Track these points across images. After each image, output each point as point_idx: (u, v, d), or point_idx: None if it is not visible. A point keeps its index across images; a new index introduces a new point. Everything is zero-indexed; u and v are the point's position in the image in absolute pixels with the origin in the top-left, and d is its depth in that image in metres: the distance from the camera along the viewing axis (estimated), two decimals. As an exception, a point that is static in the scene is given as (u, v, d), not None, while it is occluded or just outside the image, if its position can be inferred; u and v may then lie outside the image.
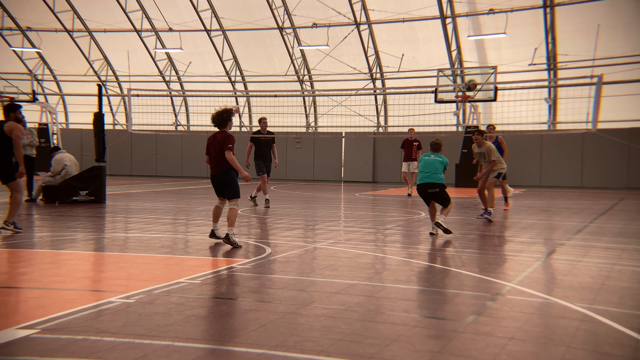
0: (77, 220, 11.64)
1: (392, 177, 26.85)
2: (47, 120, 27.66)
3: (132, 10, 29.82)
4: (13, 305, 5.37)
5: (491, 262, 7.85)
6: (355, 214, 13.60)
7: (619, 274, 7.04)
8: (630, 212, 14.60)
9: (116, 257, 7.93)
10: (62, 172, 14.95)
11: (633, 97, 23.71)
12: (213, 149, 8.67)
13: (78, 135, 30.80)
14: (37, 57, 32.63)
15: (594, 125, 20.89)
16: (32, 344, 4.30)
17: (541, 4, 24.24)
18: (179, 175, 29.79)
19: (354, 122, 28.54)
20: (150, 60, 31.47)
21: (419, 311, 5.39)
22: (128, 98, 26.21)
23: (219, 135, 8.68)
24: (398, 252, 8.42)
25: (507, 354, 4.26)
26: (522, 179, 24.74)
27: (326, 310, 5.24)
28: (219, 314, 5.13)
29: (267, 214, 13.15)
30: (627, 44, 23.38)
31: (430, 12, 25.76)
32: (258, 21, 28.27)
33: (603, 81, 20.77)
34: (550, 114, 25.76)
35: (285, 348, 4.27)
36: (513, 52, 25.70)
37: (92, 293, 5.97)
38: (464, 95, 23.39)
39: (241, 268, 7.05)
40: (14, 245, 8.79)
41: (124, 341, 4.39)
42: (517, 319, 5.12)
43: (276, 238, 9.73)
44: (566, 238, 9.92)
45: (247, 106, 31.24)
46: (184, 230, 10.78)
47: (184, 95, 31.83)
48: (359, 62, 28.27)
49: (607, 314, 5.26)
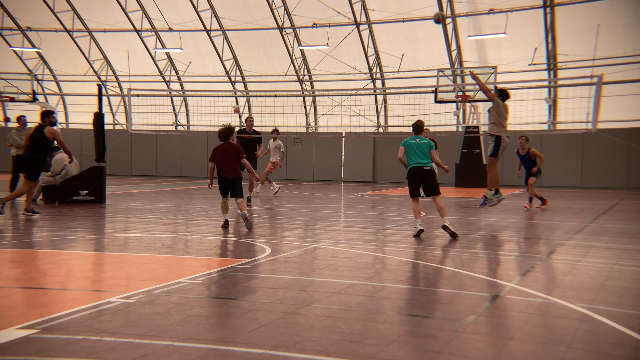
0: (77, 220, 11.64)
1: (392, 177, 26.85)
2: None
3: (132, 10, 29.82)
4: (13, 305, 5.37)
5: (491, 262, 7.85)
6: (355, 214, 13.59)
7: (619, 274, 7.04)
8: (630, 212, 14.59)
9: (116, 257, 7.93)
10: (62, 172, 14.95)
11: (633, 97, 23.71)
12: (226, 158, 10.47)
13: (78, 135, 30.80)
14: (37, 57, 32.64)
15: (594, 125, 20.85)
16: (32, 344, 4.30)
17: (541, 4, 24.24)
18: (179, 175, 29.79)
19: (354, 122, 28.54)
20: (150, 60, 31.47)
21: (419, 311, 5.39)
22: (128, 98, 26.16)
23: (228, 147, 10.51)
24: (398, 252, 8.42)
25: (507, 354, 4.26)
26: (522, 179, 24.68)
27: (326, 310, 5.24)
28: (219, 314, 5.13)
29: (267, 214, 13.15)
30: (627, 44, 23.38)
31: (430, 12, 25.67)
32: (258, 21, 28.27)
33: (603, 81, 20.72)
34: (550, 114, 25.76)
35: (285, 348, 4.27)
36: (513, 52, 25.70)
37: (92, 293, 5.97)
38: (464, 95, 23.39)
39: (241, 268, 7.05)
40: (14, 245, 8.79)
41: (124, 341, 4.39)
42: (517, 319, 5.12)
43: (276, 238, 9.72)
44: (566, 238, 9.92)
45: (247, 106, 31.24)
46: (184, 230, 10.77)
47: (184, 95, 31.84)
48: (359, 62, 28.28)
49: (607, 314, 5.26)
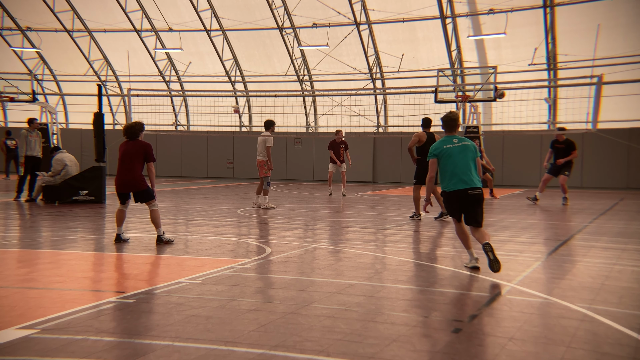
0: (77, 220, 11.64)
1: (392, 177, 26.85)
2: (47, 120, 27.62)
3: (132, 10, 29.80)
4: (13, 305, 5.37)
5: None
6: (355, 214, 13.59)
7: (619, 274, 7.04)
8: (630, 212, 14.59)
9: (116, 257, 7.93)
10: (62, 172, 14.95)
11: (633, 97, 23.69)
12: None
13: (78, 135, 30.79)
14: (37, 57, 32.62)
15: (594, 125, 20.89)
16: (32, 344, 4.30)
17: (541, 4, 24.23)
18: (178, 175, 29.78)
19: (354, 122, 28.53)
20: (150, 60, 31.46)
21: (419, 311, 5.39)
22: (128, 98, 26.21)
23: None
24: (398, 252, 8.42)
25: (507, 354, 4.26)
26: (522, 179, 24.74)
27: (326, 310, 5.24)
28: (219, 314, 5.13)
29: (267, 214, 13.15)
30: (627, 44, 23.37)
31: (430, 12, 25.75)
32: (258, 21, 28.26)
33: (603, 81, 20.76)
34: (550, 114, 25.76)
35: (285, 348, 4.27)
36: (513, 52, 25.69)
37: (92, 293, 5.97)
38: (464, 95, 23.38)
39: (241, 268, 7.05)
40: (14, 245, 8.79)
41: (124, 341, 4.39)
42: (517, 319, 5.12)
43: (276, 238, 9.73)
44: (566, 238, 9.92)
45: (247, 106, 31.23)
46: (184, 230, 10.77)
47: (184, 95, 31.82)
48: (359, 62, 28.27)
49: (607, 314, 5.26)
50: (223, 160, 29.34)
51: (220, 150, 29.30)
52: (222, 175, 28.99)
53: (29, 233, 9.99)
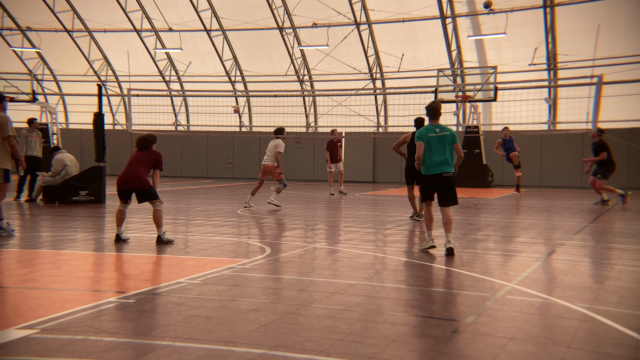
0: (77, 220, 11.64)
1: (392, 177, 26.84)
2: (47, 120, 27.63)
3: (132, 10, 29.81)
4: (13, 305, 5.37)
5: (491, 262, 7.85)
6: (355, 214, 13.59)
7: (619, 274, 7.04)
8: (630, 212, 14.59)
9: (116, 257, 7.93)
10: (62, 172, 14.95)
11: (633, 97, 23.68)
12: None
13: (78, 135, 30.79)
14: (37, 57, 32.62)
15: (594, 125, 20.89)
16: (32, 344, 4.30)
17: (541, 4, 24.23)
18: (178, 175, 29.79)
19: (354, 122, 28.53)
20: (150, 60, 31.46)
21: (419, 311, 5.38)
22: (128, 98, 26.24)
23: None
24: (398, 252, 8.42)
25: (507, 354, 4.26)
26: (522, 178, 24.67)
27: (326, 310, 5.24)
28: (219, 314, 5.13)
29: (267, 214, 13.15)
30: (627, 44, 23.37)
31: (430, 12, 25.75)
32: (258, 21, 28.26)
33: (603, 81, 20.79)
34: (550, 114, 25.75)
35: (285, 348, 4.27)
36: (513, 52, 25.69)
37: (92, 293, 5.97)
38: (464, 95, 23.38)
39: (241, 268, 7.05)
40: (14, 245, 8.79)
41: (124, 341, 4.39)
42: (517, 319, 5.12)
43: (276, 238, 9.72)
44: (566, 238, 9.92)
45: (247, 106, 31.23)
46: (184, 230, 10.77)
47: (184, 95, 31.83)
48: (359, 62, 28.27)
49: (607, 314, 5.26)
50: (223, 160, 29.33)
51: (220, 150, 29.29)
52: (222, 175, 28.98)
53: (29, 233, 9.99)
